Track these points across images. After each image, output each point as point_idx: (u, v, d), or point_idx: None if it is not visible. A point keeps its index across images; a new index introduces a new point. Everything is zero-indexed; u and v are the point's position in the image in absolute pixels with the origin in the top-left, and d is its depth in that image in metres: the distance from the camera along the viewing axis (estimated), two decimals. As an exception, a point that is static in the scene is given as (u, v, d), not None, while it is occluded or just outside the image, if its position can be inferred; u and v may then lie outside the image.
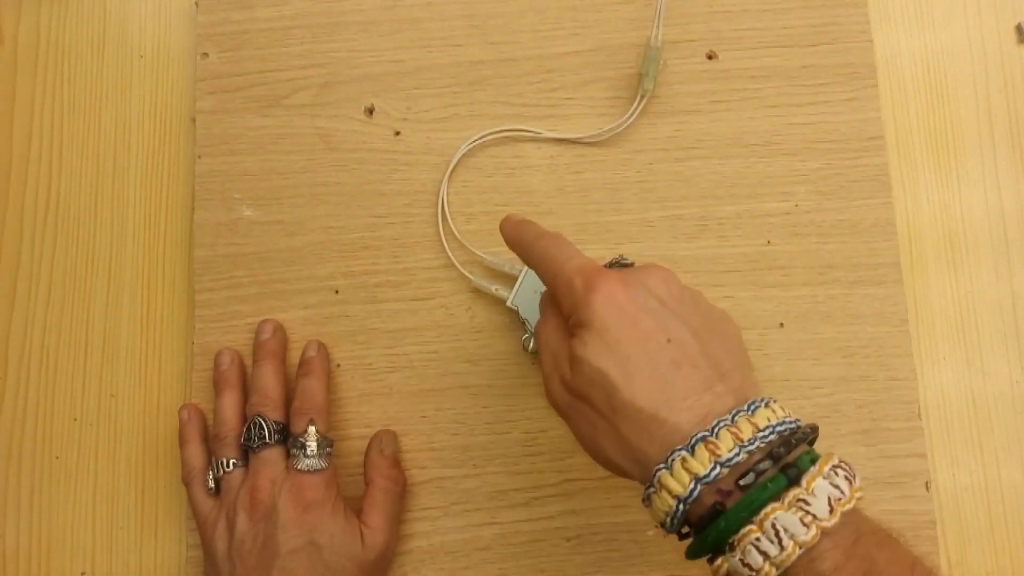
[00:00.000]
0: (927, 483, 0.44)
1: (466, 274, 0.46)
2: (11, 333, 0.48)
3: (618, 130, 0.47)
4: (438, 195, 0.47)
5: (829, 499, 0.27)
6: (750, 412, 0.29)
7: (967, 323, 0.46)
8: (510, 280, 0.45)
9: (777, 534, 0.27)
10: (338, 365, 0.46)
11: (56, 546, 0.46)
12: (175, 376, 0.47)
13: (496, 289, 0.45)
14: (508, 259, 0.45)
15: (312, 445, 0.40)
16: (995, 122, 0.48)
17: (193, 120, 0.49)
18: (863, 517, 0.29)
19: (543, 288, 0.44)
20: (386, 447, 0.43)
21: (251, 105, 0.49)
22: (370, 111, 0.48)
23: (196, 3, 0.50)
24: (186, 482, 0.42)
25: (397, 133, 0.48)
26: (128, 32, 0.51)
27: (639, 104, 0.47)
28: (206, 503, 0.41)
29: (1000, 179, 0.48)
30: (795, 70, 0.48)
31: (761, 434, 0.28)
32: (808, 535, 0.27)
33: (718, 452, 0.28)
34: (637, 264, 0.36)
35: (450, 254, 0.46)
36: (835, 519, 0.27)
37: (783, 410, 0.30)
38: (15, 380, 0.47)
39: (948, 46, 0.49)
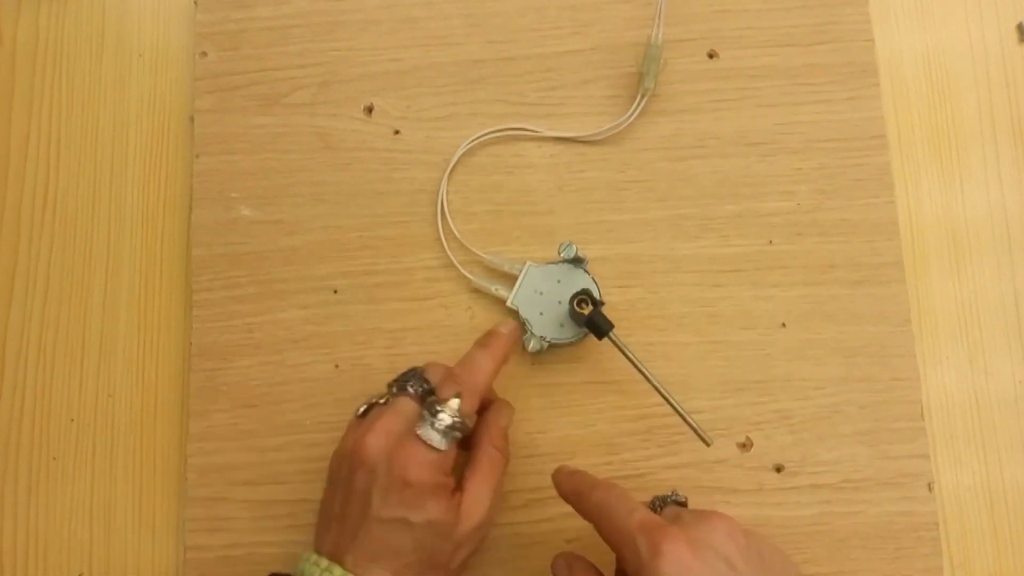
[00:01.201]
0: (930, 484, 0.43)
1: (466, 274, 0.46)
2: (8, 332, 0.47)
3: (618, 129, 0.47)
4: (438, 194, 0.47)
5: None
6: None
7: (970, 323, 0.46)
8: (510, 280, 0.45)
9: None
10: (336, 366, 0.46)
11: (53, 546, 0.45)
12: (173, 376, 0.47)
13: (496, 289, 0.45)
14: (508, 259, 0.45)
15: (444, 419, 0.36)
16: (997, 121, 0.48)
17: (191, 119, 0.49)
18: None
19: (544, 288, 0.44)
20: (503, 417, 0.41)
21: (250, 104, 0.48)
22: (369, 110, 0.48)
23: (195, 2, 0.50)
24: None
25: (396, 132, 0.48)
26: (127, 31, 0.51)
27: (640, 103, 0.47)
28: (351, 422, 0.39)
29: (1002, 178, 0.48)
30: (796, 69, 0.48)
31: None
32: None
33: None
34: (691, 507, 0.36)
35: (450, 254, 0.46)
36: None
37: None
38: (12, 380, 0.47)
39: (949, 45, 0.49)
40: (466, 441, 0.40)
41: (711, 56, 0.48)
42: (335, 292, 0.46)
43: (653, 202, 0.47)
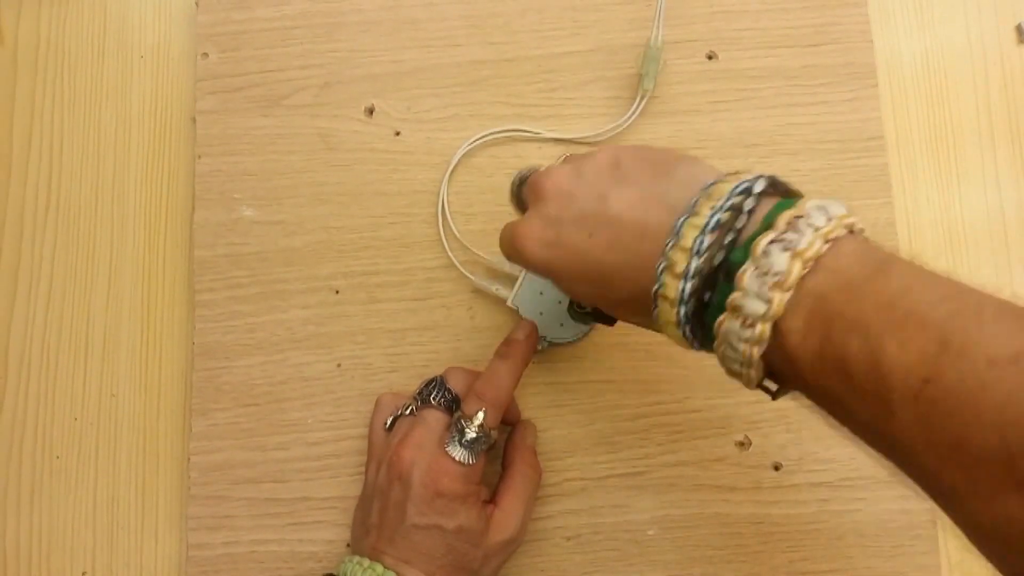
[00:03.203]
0: (927, 483, 0.44)
1: (466, 274, 0.46)
2: (11, 333, 0.48)
3: (618, 130, 0.47)
4: (438, 195, 0.47)
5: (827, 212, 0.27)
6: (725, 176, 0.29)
7: (967, 323, 0.46)
8: (510, 280, 0.45)
9: (798, 227, 0.26)
10: (338, 365, 0.46)
11: (56, 546, 0.46)
12: (175, 376, 0.47)
13: (496, 289, 0.45)
14: (508, 259, 0.46)
15: (471, 435, 0.38)
16: (995, 122, 0.48)
17: (193, 120, 0.49)
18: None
19: (544, 288, 0.44)
20: (529, 436, 0.43)
21: (251, 105, 0.49)
22: (370, 111, 0.48)
23: (196, 3, 0.50)
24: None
25: (397, 133, 0.48)
26: (128, 32, 0.51)
27: (639, 104, 0.47)
28: (379, 434, 0.42)
29: (1000, 179, 0.48)
30: (795, 70, 0.48)
31: (745, 178, 0.28)
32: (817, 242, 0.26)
33: (712, 202, 0.28)
34: None
35: (450, 254, 0.46)
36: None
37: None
38: (15, 380, 0.47)
39: (948, 46, 0.49)
40: (494, 451, 0.42)
41: (710, 57, 0.48)
42: (336, 292, 0.47)
43: (652, 203, 0.47)
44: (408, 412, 0.41)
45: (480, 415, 0.38)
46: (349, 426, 0.45)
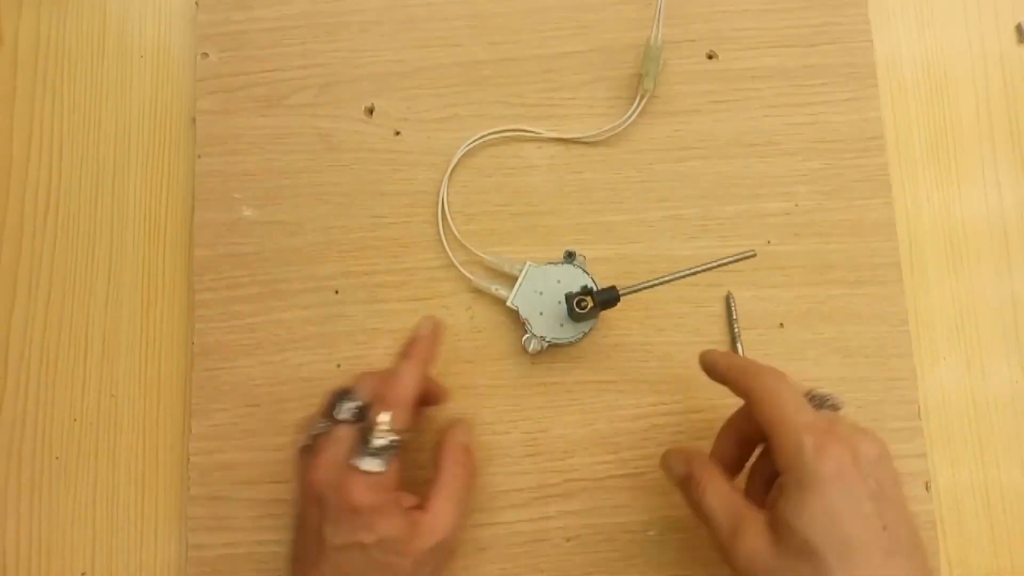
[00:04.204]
0: (927, 483, 0.44)
1: (466, 274, 0.46)
2: (11, 333, 0.48)
3: (618, 130, 0.47)
4: (438, 195, 0.47)
5: None
6: None
7: (967, 323, 0.46)
8: (510, 280, 0.45)
9: None
10: (338, 365, 0.46)
11: (56, 546, 0.46)
12: (175, 376, 0.47)
13: (496, 289, 0.45)
14: (508, 259, 0.45)
15: (377, 443, 0.37)
16: (995, 122, 0.48)
17: (193, 120, 0.49)
18: None
19: (544, 288, 0.44)
20: (460, 435, 0.42)
21: (251, 105, 0.49)
22: (370, 111, 0.48)
23: (196, 3, 0.50)
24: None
25: (397, 133, 0.48)
26: (128, 32, 0.51)
27: (639, 104, 0.47)
28: (298, 461, 0.40)
29: (1000, 179, 0.48)
30: (795, 70, 0.48)
31: None
32: None
33: None
34: (843, 414, 0.36)
35: (450, 254, 0.46)
36: None
37: None
38: (15, 380, 0.47)
39: (948, 46, 0.49)
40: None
41: (710, 57, 0.48)
42: (336, 292, 0.47)
43: (653, 202, 0.47)
44: (321, 430, 0.39)
45: (386, 419, 0.38)
46: (349, 426, 0.45)
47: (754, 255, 0.40)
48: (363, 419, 0.38)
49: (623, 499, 0.44)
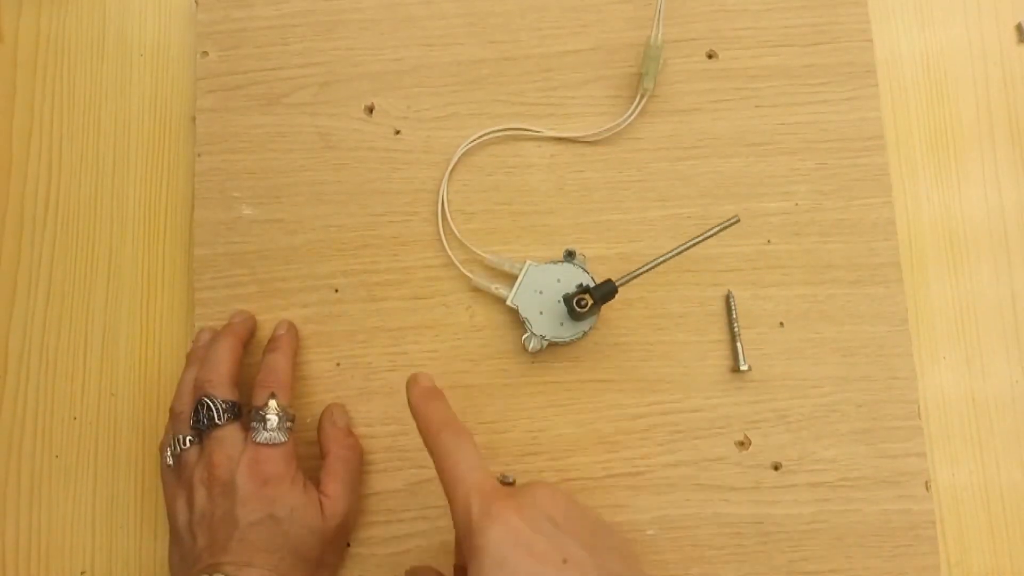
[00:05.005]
0: (927, 483, 0.44)
1: (466, 273, 0.46)
2: (11, 331, 0.48)
3: (618, 129, 0.47)
4: (438, 194, 0.47)
5: None
6: None
7: (967, 323, 0.46)
8: (510, 279, 0.45)
9: None
10: (338, 364, 0.46)
11: (55, 545, 0.46)
12: (175, 375, 0.47)
13: (496, 288, 0.45)
14: (508, 258, 0.45)
15: (272, 419, 0.40)
16: (995, 121, 0.48)
17: (193, 118, 0.49)
18: None
19: (544, 287, 0.44)
20: (338, 419, 0.44)
21: (251, 103, 0.49)
22: (370, 110, 0.48)
23: (196, 1, 0.50)
24: (159, 451, 0.43)
25: (397, 132, 0.48)
26: (128, 30, 0.51)
27: (639, 103, 0.47)
28: (168, 475, 0.42)
29: (1000, 178, 0.48)
30: (795, 69, 0.48)
31: None
32: None
33: None
34: (520, 482, 0.37)
35: (450, 253, 0.46)
36: None
37: None
38: (15, 379, 0.47)
39: (948, 45, 0.49)
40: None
41: (710, 56, 0.48)
42: (336, 291, 0.47)
43: (653, 202, 0.47)
44: (188, 444, 0.41)
45: (272, 401, 0.41)
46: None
47: (738, 221, 0.40)
48: (239, 416, 0.41)
49: (623, 498, 0.44)
